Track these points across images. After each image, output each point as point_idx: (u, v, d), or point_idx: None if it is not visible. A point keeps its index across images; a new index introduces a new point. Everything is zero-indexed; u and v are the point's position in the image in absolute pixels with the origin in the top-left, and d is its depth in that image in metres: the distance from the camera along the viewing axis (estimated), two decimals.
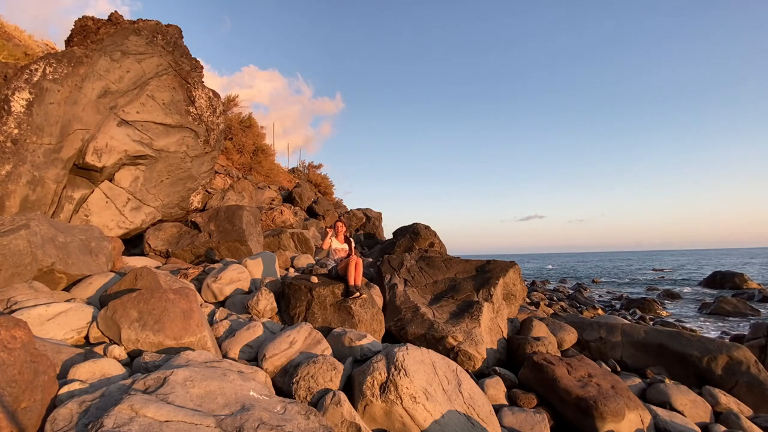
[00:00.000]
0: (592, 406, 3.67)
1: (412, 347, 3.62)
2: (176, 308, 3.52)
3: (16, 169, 6.07)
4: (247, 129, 19.67)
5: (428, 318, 5.32)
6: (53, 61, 6.54)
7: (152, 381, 2.36)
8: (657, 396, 4.66)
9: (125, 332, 3.34)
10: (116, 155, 7.40)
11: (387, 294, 6.17)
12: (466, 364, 4.74)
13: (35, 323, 3.38)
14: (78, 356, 3.10)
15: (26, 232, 4.53)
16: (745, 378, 5.07)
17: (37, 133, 6.25)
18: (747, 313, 14.52)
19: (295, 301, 5.21)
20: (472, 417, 3.28)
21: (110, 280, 4.94)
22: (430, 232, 12.69)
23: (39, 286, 4.42)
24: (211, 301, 5.62)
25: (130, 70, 7.57)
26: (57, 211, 6.89)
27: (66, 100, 6.59)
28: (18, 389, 2.16)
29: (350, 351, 4.07)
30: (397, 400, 3.05)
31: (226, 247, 8.27)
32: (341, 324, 4.93)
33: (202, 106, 8.80)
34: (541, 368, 4.26)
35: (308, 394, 3.17)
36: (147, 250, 8.16)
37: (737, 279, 22.86)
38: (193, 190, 9.18)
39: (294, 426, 2.18)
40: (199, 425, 2.01)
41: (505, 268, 6.55)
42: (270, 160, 21.02)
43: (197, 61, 8.89)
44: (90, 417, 2.08)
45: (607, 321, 6.91)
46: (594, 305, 16.23)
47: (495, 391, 4.23)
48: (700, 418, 4.43)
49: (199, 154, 8.89)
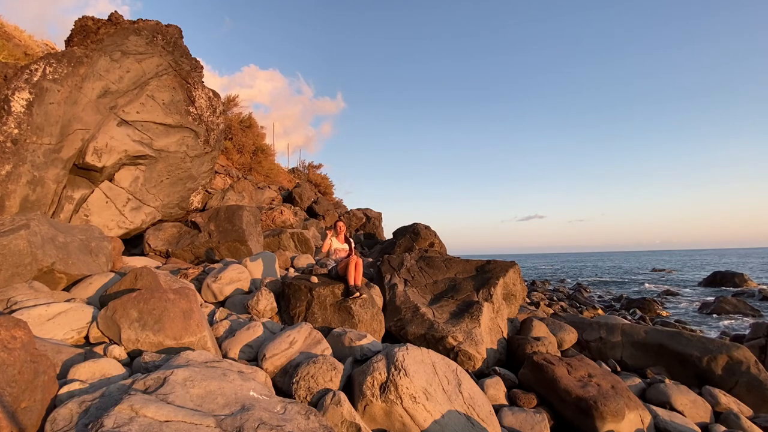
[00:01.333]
0: (592, 406, 3.67)
1: (412, 347, 3.62)
2: (176, 308, 3.52)
3: (16, 169, 6.07)
4: (247, 129, 19.68)
5: (428, 318, 5.31)
6: (53, 61, 6.54)
7: (152, 381, 2.36)
8: (657, 396, 4.66)
9: (125, 332, 3.34)
10: (116, 155, 7.40)
11: (387, 294, 6.16)
12: (466, 364, 4.74)
13: (35, 323, 3.38)
14: (78, 356, 3.10)
15: (26, 232, 4.53)
16: (745, 378, 5.07)
17: (37, 133, 6.25)
18: (747, 313, 14.52)
19: (295, 301, 5.21)
20: (472, 417, 3.28)
21: (110, 280, 4.94)
22: (430, 232, 12.69)
23: (39, 286, 4.42)
24: (211, 301, 5.62)
25: (130, 70, 7.57)
26: (57, 211, 6.89)
27: (66, 100, 6.59)
28: (18, 389, 2.16)
29: (350, 351, 4.07)
30: (397, 400, 3.05)
31: (226, 247, 8.27)
32: (341, 324, 4.93)
33: (202, 106, 8.80)
34: (541, 368, 4.26)
35: (308, 394, 3.17)
36: (147, 250, 8.16)
37: (737, 279, 22.87)
38: (193, 190, 9.18)
39: (294, 426, 2.18)
40: (199, 425, 2.01)
41: (505, 268, 6.54)
42: (270, 160, 21.02)
43: (197, 61, 8.90)
44: (90, 417, 2.08)
45: (607, 321, 6.91)
46: (594, 305, 16.23)
47: (495, 391, 4.22)
48: (700, 418, 4.42)
49: (199, 154, 8.89)
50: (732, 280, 22.96)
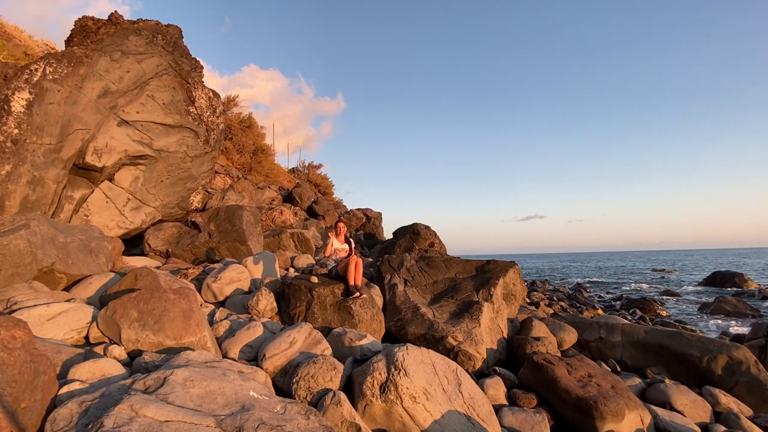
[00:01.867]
0: (592, 406, 3.67)
1: (412, 347, 3.62)
2: (176, 308, 3.52)
3: (16, 169, 6.07)
4: (247, 129, 19.68)
5: (428, 318, 5.31)
6: (53, 61, 6.54)
7: (152, 381, 2.36)
8: (657, 396, 4.66)
9: (125, 332, 3.34)
10: (116, 155, 7.40)
11: (387, 294, 6.16)
12: (466, 364, 4.74)
13: (35, 323, 3.38)
14: (78, 356, 3.10)
15: (26, 232, 4.53)
16: (745, 378, 5.07)
17: (37, 133, 6.25)
18: (747, 313, 14.51)
19: (295, 301, 5.21)
20: (472, 417, 3.28)
21: (110, 280, 4.94)
22: (430, 232, 12.69)
23: (39, 286, 4.42)
24: (211, 301, 5.62)
25: (130, 70, 7.57)
26: (57, 211, 6.89)
27: (66, 100, 6.59)
28: (18, 389, 2.16)
29: (350, 351, 4.07)
30: (397, 400, 3.05)
31: (226, 247, 8.27)
32: (341, 324, 4.93)
33: (202, 106, 8.80)
34: (541, 368, 4.26)
35: (308, 394, 3.17)
36: (147, 250, 8.16)
37: (737, 279, 22.85)
38: (193, 190, 9.18)
39: (294, 426, 2.18)
40: (199, 425, 2.01)
41: (505, 268, 6.54)
42: (270, 160, 21.03)
43: (197, 61, 8.90)
44: (90, 417, 2.08)
45: (607, 321, 6.91)
46: (594, 305, 16.22)
47: (495, 391, 4.22)
48: (700, 418, 4.42)
49: (199, 154, 8.89)
50: (732, 280, 22.94)
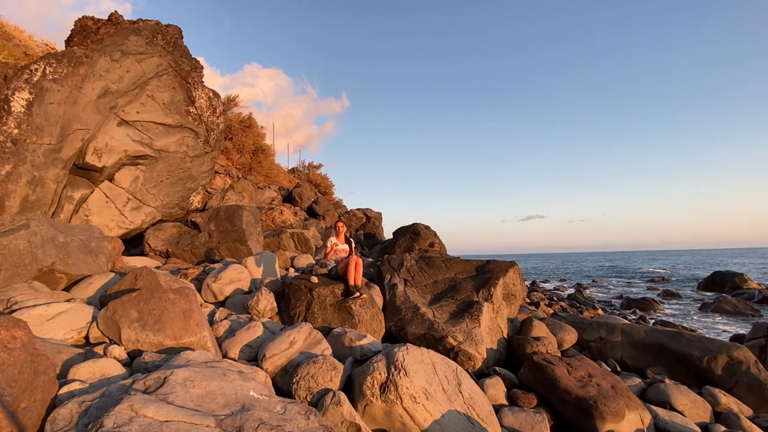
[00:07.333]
0: (592, 406, 3.67)
1: (412, 347, 3.61)
2: (176, 308, 3.52)
3: (16, 169, 6.07)
4: (247, 129, 19.68)
5: (428, 318, 5.31)
6: (53, 61, 6.54)
7: (152, 381, 2.36)
8: (657, 396, 4.66)
9: (125, 332, 3.34)
10: (116, 155, 7.40)
11: (387, 294, 6.16)
12: (466, 364, 4.74)
13: (35, 323, 3.38)
14: (78, 356, 3.10)
15: (26, 232, 4.53)
16: (745, 378, 5.07)
17: (37, 133, 6.25)
18: (747, 313, 14.52)
19: (295, 301, 5.21)
20: (472, 417, 3.28)
21: (110, 280, 4.94)
22: (430, 232, 12.69)
23: (39, 286, 4.42)
24: (211, 301, 5.62)
25: (130, 70, 7.57)
26: (57, 211, 6.89)
27: (66, 100, 6.59)
28: (18, 389, 2.16)
29: (350, 351, 4.07)
30: (397, 400, 3.05)
31: (226, 247, 8.27)
32: (341, 324, 4.93)
33: (202, 106, 8.80)
34: (541, 368, 4.26)
35: (308, 394, 3.17)
36: (147, 250, 8.16)
37: (737, 279, 22.83)
38: (193, 190, 9.18)
39: (294, 426, 2.18)
40: (199, 425, 2.01)
41: (505, 268, 6.54)
42: (270, 160, 21.03)
43: (197, 61, 8.90)
44: (90, 417, 2.08)
45: (607, 321, 6.90)
46: (594, 305, 16.23)
47: (495, 391, 4.22)
48: (700, 418, 4.42)
49: (199, 154, 8.89)
50: (732, 281, 22.92)
